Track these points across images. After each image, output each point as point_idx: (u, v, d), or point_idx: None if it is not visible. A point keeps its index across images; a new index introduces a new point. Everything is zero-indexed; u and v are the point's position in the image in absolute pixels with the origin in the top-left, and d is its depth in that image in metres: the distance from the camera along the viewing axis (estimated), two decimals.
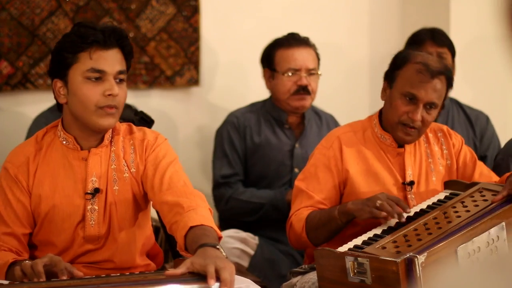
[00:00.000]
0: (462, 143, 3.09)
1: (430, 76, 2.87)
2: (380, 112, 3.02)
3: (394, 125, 2.93)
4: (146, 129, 2.70)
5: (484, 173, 3.04)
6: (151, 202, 2.67)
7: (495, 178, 3.05)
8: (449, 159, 3.05)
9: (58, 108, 2.64)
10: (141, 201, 2.65)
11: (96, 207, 2.59)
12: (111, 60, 2.52)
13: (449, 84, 2.93)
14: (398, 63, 2.94)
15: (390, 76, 2.96)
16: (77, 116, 2.56)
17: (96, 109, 2.51)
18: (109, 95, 2.51)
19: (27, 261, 2.37)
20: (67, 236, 2.60)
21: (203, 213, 2.46)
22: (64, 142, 2.61)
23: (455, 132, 3.14)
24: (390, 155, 2.98)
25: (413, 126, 2.89)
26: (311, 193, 2.94)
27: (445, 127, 3.11)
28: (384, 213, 2.70)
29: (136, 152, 2.63)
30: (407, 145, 2.98)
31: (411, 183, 2.95)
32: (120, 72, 2.54)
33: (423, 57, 2.91)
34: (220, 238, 2.39)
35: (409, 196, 2.95)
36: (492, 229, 2.61)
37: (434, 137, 3.07)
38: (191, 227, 2.38)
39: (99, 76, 2.52)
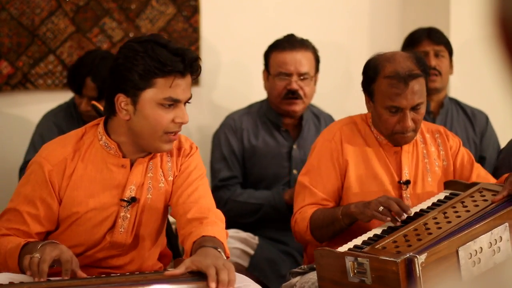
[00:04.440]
0: (460, 145, 3.07)
1: (404, 85, 2.82)
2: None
3: (389, 135, 2.92)
4: (181, 135, 2.65)
5: (481, 175, 3.03)
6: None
7: (492, 180, 3.03)
8: (446, 160, 3.03)
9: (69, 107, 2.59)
10: (167, 211, 2.65)
11: (128, 215, 2.56)
12: (186, 88, 2.50)
13: (426, 75, 2.88)
14: (370, 75, 2.90)
15: (367, 90, 2.92)
16: (138, 135, 2.50)
17: (163, 134, 2.48)
18: (179, 122, 2.50)
19: (35, 256, 2.31)
20: (95, 241, 2.56)
21: (219, 230, 2.48)
22: (106, 147, 2.55)
23: (453, 133, 3.13)
24: (387, 153, 2.98)
25: (407, 131, 2.88)
26: (314, 189, 2.94)
27: (442, 128, 3.10)
28: (388, 218, 2.70)
29: (173, 160, 2.62)
30: (405, 145, 2.98)
31: (407, 182, 2.95)
32: (189, 99, 2.53)
33: (391, 66, 2.84)
34: (227, 257, 2.39)
35: (404, 195, 2.94)
36: (495, 229, 2.60)
37: (432, 138, 3.06)
38: (203, 236, 2.40)
39: (173, 103, 2.48)
